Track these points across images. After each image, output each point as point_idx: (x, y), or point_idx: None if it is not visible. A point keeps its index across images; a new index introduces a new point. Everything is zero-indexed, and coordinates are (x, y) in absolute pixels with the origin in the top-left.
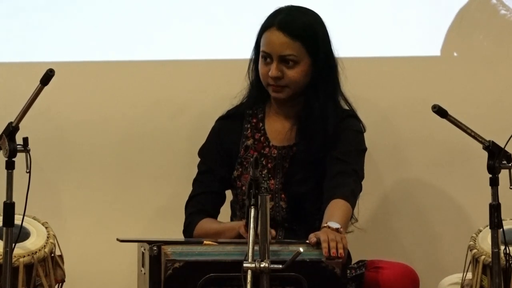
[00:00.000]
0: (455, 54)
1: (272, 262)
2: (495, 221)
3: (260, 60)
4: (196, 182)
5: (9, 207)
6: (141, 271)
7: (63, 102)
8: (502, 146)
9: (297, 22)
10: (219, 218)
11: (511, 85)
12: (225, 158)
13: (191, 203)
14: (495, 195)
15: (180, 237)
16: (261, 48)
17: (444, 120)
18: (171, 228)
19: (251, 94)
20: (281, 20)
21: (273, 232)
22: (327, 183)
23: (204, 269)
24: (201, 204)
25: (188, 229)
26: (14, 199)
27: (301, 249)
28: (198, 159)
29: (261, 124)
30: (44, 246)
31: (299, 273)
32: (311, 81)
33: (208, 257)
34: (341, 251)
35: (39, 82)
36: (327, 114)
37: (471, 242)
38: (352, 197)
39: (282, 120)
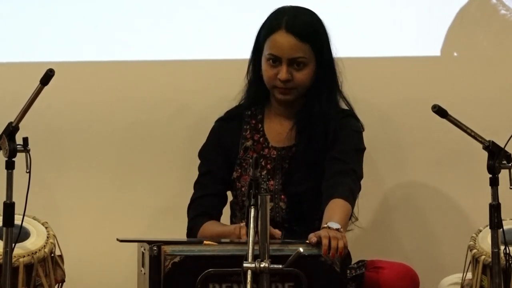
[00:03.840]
0: (455, 54)
1: (274, 258)
2: (495, 221)
3: (266, 62)
4: (197, 184)
5: (9, 207)
6: (141, 271)
7: (63, 102)
8: (502, 146)
9: (304, 23)
10: (220, 219)
11: (511, 85)
12: (225, 159)
13: (193, 206)
14: (495, 195)
15: (180, 237)
16: (268, 51)
17: (444, 120)
18: (171, 228)
19: (249, 94)
20: (288, 22)
21: (278, 232)
22: (325, 183)
23: (203, 263)
24: (203, 207)
25: (192, 232)
26: (14, 199)
27: (301, 249)
28: (198, 159)
29: (260, 125)
30: (44, 246)
31: (298, 269)
32: (314, 82)
33: (208, 253)
34: (341, 250)
35: (39, 82)
36: (328, 115)
37: (471, 242)
38: (351, 196)
39: (281, 121)
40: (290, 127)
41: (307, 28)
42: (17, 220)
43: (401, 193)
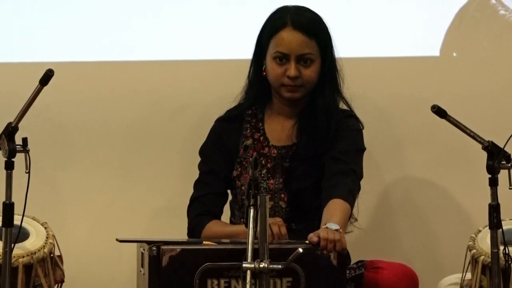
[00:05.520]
0: (454, 54)
1: (273, 252)
2: (495, 221)
3: (272, 61)
4: (198, 183)
5: (9, 208)
6: (141, 271)
7: (63, 102)
8: (502, 146)
9: (309, 20)
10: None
11: (511, 85)
12: (226, 158)
13: (195, 205)
14: (494, 195)
15: (180, 237)
16: (275, 49)
17: (444, 120)
18: (171, 228)
19: (250, 94)
20: (294, 19)
21: (284, 230)
22: (325, 183)
23: (201, 257)
24: (206, 206)
25: (195, 231)
26: (13, 199)
27: (300, 250)
28: (198, 159)
29: (260, 124)
30: (44, 246)
31: (295, 263)
32: (319, 80)
33: (205, 247)
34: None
35: (38, 82)
36: (331, 112)
37: (471, 242)
38: (350, 197)
39: (282, 120)
40: (291, 126)
41: (313, 24)
42: (17, 221)
43: (401, 193)
